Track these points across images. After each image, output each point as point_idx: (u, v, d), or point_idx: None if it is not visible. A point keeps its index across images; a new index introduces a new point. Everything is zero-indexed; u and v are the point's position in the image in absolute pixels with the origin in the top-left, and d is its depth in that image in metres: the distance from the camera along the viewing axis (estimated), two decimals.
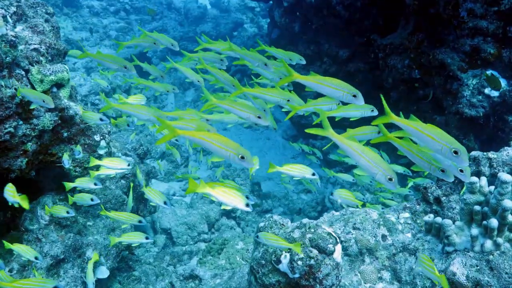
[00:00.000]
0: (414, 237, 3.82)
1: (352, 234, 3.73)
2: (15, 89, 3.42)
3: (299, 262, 2.91)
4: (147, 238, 4.59)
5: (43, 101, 3.36)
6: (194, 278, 4.96)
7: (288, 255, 2.99)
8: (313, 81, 3.18)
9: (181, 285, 4.96)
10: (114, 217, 4.30)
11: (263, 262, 3.12)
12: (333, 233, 3.06)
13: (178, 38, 15.90)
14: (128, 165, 4.06)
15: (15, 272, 3.97)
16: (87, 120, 3.97)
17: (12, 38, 3.35)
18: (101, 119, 3.88)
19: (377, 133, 3.51)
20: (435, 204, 4.05)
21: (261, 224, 3.36)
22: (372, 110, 3.67)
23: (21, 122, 3.58)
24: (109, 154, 4.47)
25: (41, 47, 3.74)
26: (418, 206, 4.15)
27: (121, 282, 5.30)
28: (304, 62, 4.77)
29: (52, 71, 3.72)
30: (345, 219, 3.87)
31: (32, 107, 3.47)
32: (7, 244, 3.55)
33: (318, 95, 3.56)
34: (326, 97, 3.73)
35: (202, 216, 7.69)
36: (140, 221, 4.34)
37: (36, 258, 3.52)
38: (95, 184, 4.32)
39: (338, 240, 3.04)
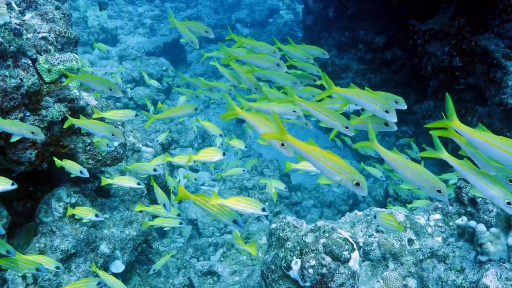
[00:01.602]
0: (445, 242, 3.48)
1: (375, 237, 3.43)
2: (20, 79, 3.30)
3: (310, 270, 2.67)
4: (181, 223, 4.49)
5: (32, 133, 3.14)
6: (212, 274, 4.80)
7: (299, 261, 2.74)
8: (350, 93, 3.03)
9: (199, 281, 4.81)
10: (153, 212, 4.22)
11: (273, 267, 2.89)
12: (350, 239, 2.79)
13: (212, 25, 15.72)
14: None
15: None
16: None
17: (16, 26, 3.22)
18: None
19: (383, 124, 3.16)
20: (469, 206, 3.68)
21: (273, 226, 3.13)
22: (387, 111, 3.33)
23: (28, 113, 3.47)
24: (123, 146, 4.33)
25: (49, 36, 3.60)
26: (451, 207, 3.79)
27: (141, 275, 5.21)
28: (327, 56, 4.47)
29: (61, 61, 3.58)
30: (368, 220, 3.58)
31: (13, 140, 3.23)
32: (19, 255, 3.39)
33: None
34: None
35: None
36: (179, 214, 4.24)
37: (57, 267, 3.40)
38: (138, 184, 4.23)
39: (355, 247, 2.76)
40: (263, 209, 2.74)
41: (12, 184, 3.40)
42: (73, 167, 3.91)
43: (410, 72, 9.04)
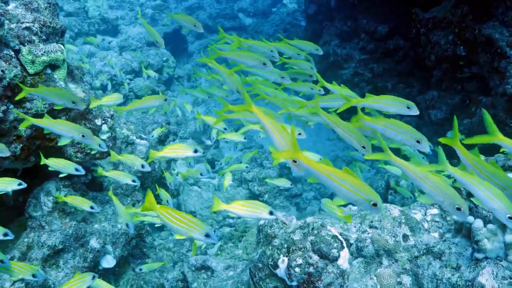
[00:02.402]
0: (441, 238, 3.37)
1: (368, 233, 3.32)
2: (2, 71, 3.21)
3: (297, 269, 2.56)
4: None
5: None
6: (206, 269, 4.71)
7: (286, 259, 2.64)
8: (378, 124, 2.91)
9: (193, 276, 4.73)
10: (143, 213, 4.09)
11: (260, 265, 2.79)
12: (339, 236, 2.68)
13: (215, 15, 15.57)
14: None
15: (16, 260, 3.85)
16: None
17: None
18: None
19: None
20: (468, 200, 3.55)
21: (261, 222, 3.03)
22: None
23: (11, 106, 3.38)
24: (113, 139, 4.23)
25: (34, 26, 3.49)
26: None
27: (135, 269, 5.14)
28: (321, 52, 4.34)
29: (45, 51, 3.47)
30: (362, 215, 3.47)
31: None
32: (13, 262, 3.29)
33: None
34: (334, 95, 3.56)
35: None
36: None
37: (33, 275, 3.29)
38: (133, 181, 4.10)
39: (344, 244, 2.66)
40: (271, 213, 2.57)
41: (20, 184, 3.43)
42: (65, 166, 3.77)
43: (413, 61, 8.87)
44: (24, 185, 3.45)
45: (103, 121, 4.07)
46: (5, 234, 3.47)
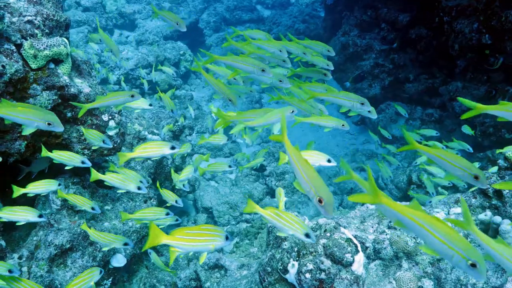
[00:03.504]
0: (466, 239, 3.14)
1: (386, 234, 3.12)
2: (3, 66, 3.10)
3: (307, 275, 2.38)
4: (177, 220, 4.21)
5: None
6: (219, 268, 4.58)
7: (296, 264, 2.47)
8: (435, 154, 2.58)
9: (206, 275, 4.60)
10: (140, 218, 3.85)
11: (269, 269, 2.62)
12: (353, 239, 2.49)
13: (233, 7, 15.38)
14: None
15: (24, 259, 3.78)
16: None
17: None
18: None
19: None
20: (495, 198, 3.32)
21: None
22: (363, 104, 3.38)
23: (14, 102, 3.27)
24: (122, 135, 4.11)
25: (36, 19, 3.37)
26: (474, 200, 3.44)
27: (148, 267, 5.05)
28: (332, 54, 4.13)
29: (47, 45, 3.35)
30: (380, 215, 3.26)
31: None
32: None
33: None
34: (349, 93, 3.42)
35: (245, 195, 7.30)
36: (167, 213, 3.87)
37: None
38: (139, 188, 3.81)
39: (359, 248, 2.47)
40: (307, 235, 2.20)
41: (59, 184, 3.60)
42: (70, 158, 3.62)
43: (436, 51, 8.55)
44: (62, 186, 3.61)
45: (110, 117, 3.94)
46: (93, 208, 3.62)
